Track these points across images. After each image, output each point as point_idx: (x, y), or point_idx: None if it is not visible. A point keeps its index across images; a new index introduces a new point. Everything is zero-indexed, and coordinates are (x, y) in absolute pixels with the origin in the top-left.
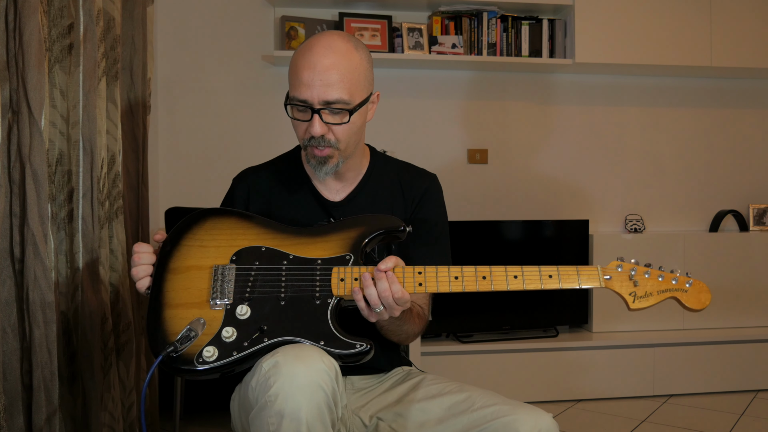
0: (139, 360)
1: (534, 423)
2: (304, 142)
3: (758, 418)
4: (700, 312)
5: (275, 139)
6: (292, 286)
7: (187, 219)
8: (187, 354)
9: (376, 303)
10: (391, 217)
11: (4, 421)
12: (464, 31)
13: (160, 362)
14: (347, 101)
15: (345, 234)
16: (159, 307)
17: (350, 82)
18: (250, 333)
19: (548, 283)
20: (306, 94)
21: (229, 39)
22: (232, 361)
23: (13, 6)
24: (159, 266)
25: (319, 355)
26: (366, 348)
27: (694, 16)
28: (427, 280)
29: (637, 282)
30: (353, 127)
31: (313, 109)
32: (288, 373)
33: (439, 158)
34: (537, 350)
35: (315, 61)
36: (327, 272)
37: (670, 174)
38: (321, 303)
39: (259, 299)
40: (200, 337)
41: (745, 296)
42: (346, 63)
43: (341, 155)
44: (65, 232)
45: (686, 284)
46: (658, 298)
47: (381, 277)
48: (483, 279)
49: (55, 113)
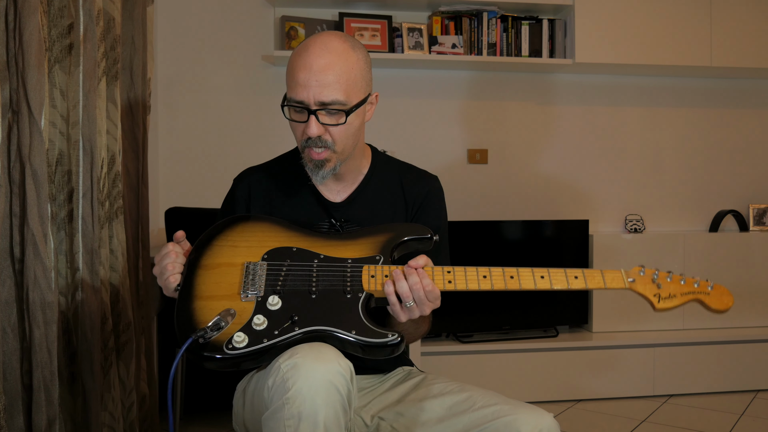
0: (139, 360)
1: (535, 423)
2: (302, 143)
3: (758, 418)
4: (724, 313)
5: (275, 139)
6: (324, 281)
7: (219, 223)
8: (216, 341)
9: (408, 296)
10: (421, 225)
11: (4, 421)
12: (464, 31)
13: (188, 350)
14: (343, 102)
15: (375, 238)
16: (188, 299)
17: (347, 83)
18: (281, 322)
19: (574, 284)
20: (302, 95)
21: (229, 39)
22: (261, 349)
23: (13, 6)
24: (190, 264)
25: (336, 357)
26: (397, 339)
27: (694, 16)
28: (456, 278)
29: (660, 285)
30: (350, 128)
31: (309, 110)
32: (306, 376)
33: (439, 158)
34: (537, 350)
35: (311, 62)
36: (358, 269)
37: (670, 174)
38: (352, 297)
39: (290, 292)
40: (230, 326)
41: (745, 296)
42: (343, 63)
43: (338, 158)
44: (65, 232)
45: (708, 287)
46: (683, 299)
47: (412, 272)
48: (511, 278)
49: (55, 113)
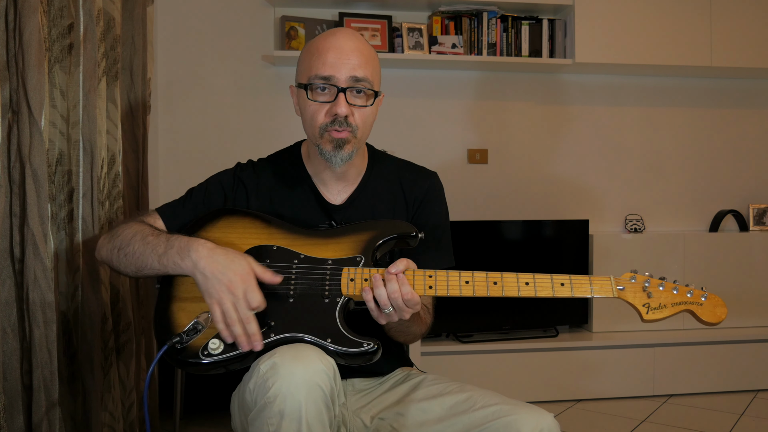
0: (139, 360)
1: (535, 423)
2: (323, 126)
3: (758, 418)
4: (716, 326)
5: (275, 139)
6: (302, 284)
7: (201, 218)
8: (192, 347)
9: (386, 304)
10: (404, 222)
11: (4, 421)
12: (464, 31)
13: (165, 355)
14: (371, 82)
15: (357, 237)
16: (167, 300)
17: (372, 68)
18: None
19: (560, 291)
20: (333, 71)
21: (229, 39)
22: (237, 356)
23: (13, 6)
24: None
25: (318, 356)
26: (373, 348)
27: (694, 16)
28: (437, 283)
29: (651, 294)
30: (371, 116)
31: (338, 88)
32: (286, 374)
33: (439, 158)
34: (537, 350)
35: (341, 44)
36: (337, 272)
37: (670, 174)
38: (330, 302)
39: (268, 295)
40: (206, 330)
41: (745, 296)
42: (368, 50)
43: (356, 143)
44: (65, 232)
45: (701, 297)
46: (673, 310)
47: (391, 278)
48: (494, 284)
49: (55, 113)
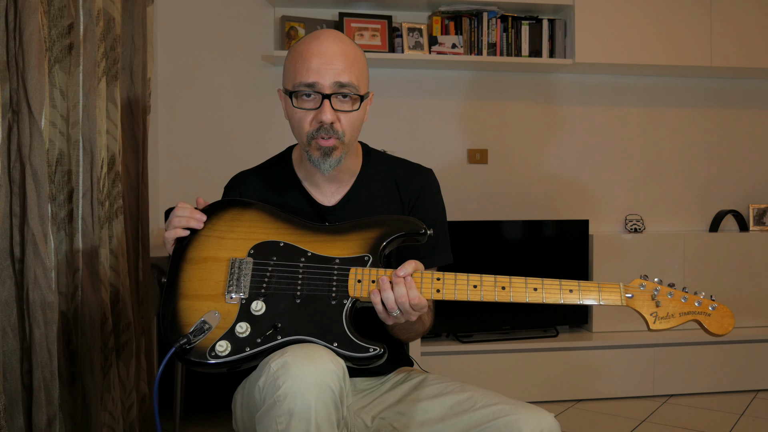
0: (139, 360)
1: (536, 422)
2: (310, 134)
3: (758, 418)
4: (722, 336)
5: (275, 139)
6: (309, 284)
7: (208, 208)
8: (199, 347)
9: (393, 307)
10: (413, 219)
11: (4, 421)
12: (464, 31)
13: (175, 354)
14: (357, 87)
15: (365, 234)
16: (174, 297)
17: (358, 71)
18: (263, 330)
19: (568, 298)
20: (317, 77)
21: (228, 39)
22: (244, 357)
23: (13, 6)
24: (176, 255)
25: (328, 356)
26: (379, 352)
27: (694, 16)
28: (445, 287)
29: (659, 302)
30: (358, 119)
31: (323, 95)
32: (297, 373)
33: (439, 158)
34: (537, 350)
35: (324, 49)
36: (344, 272)
37: (670, 174)
38: (337, 304)
39: (275, 296)
40: (214, 330)
41: (744, 296)
42: (353, 52)
43: (344, 149)
44: (65, 232)
45: (710, 308)
46: (680, 320)
47: (399, 282)
48: (502, 289)
49: (55, 113)
